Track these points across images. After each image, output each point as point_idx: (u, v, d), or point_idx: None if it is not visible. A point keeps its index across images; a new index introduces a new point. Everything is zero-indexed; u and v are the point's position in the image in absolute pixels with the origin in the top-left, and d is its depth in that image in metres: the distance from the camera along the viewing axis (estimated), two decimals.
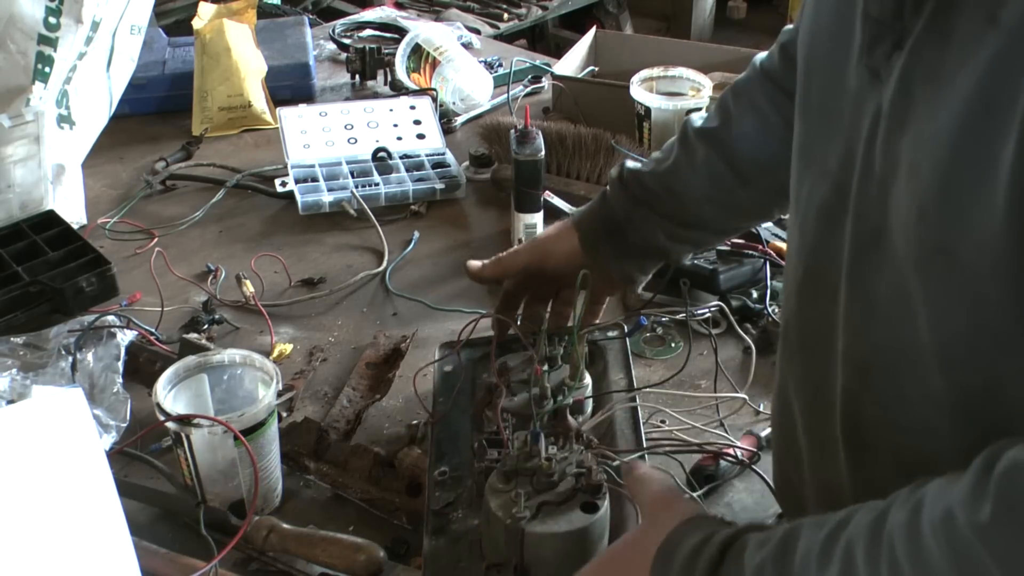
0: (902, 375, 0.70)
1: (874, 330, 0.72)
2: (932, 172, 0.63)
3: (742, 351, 1.35)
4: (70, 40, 1.62)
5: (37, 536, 0.84)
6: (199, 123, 2.01)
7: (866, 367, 0.74)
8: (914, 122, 0.65)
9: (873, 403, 0.74)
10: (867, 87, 0.71)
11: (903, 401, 0.71)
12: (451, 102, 2.05)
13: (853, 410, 0.77)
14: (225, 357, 1.15)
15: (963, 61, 0.60)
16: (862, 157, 0.72)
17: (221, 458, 1.08)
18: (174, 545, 1.07)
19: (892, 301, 0.69)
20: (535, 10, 3.88)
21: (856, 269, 0.74)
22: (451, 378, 1.20)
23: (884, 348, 0.72)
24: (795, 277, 0.85)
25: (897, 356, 0.70)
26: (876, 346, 0.72)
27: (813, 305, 0.81)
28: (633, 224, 1.14)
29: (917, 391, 0.69)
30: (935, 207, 0.63)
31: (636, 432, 1.09)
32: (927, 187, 0.64)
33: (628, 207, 1.14)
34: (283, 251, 1.62)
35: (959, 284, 0.63)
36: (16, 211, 1.59)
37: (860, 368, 0.75)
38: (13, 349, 1.35)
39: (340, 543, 1.04)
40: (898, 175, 0.67)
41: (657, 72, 1.82)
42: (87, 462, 0.88)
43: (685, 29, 4.88)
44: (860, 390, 0.76)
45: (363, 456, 1.15)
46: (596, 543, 0.92)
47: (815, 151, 0.80)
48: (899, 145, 0.67)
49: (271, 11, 3.00)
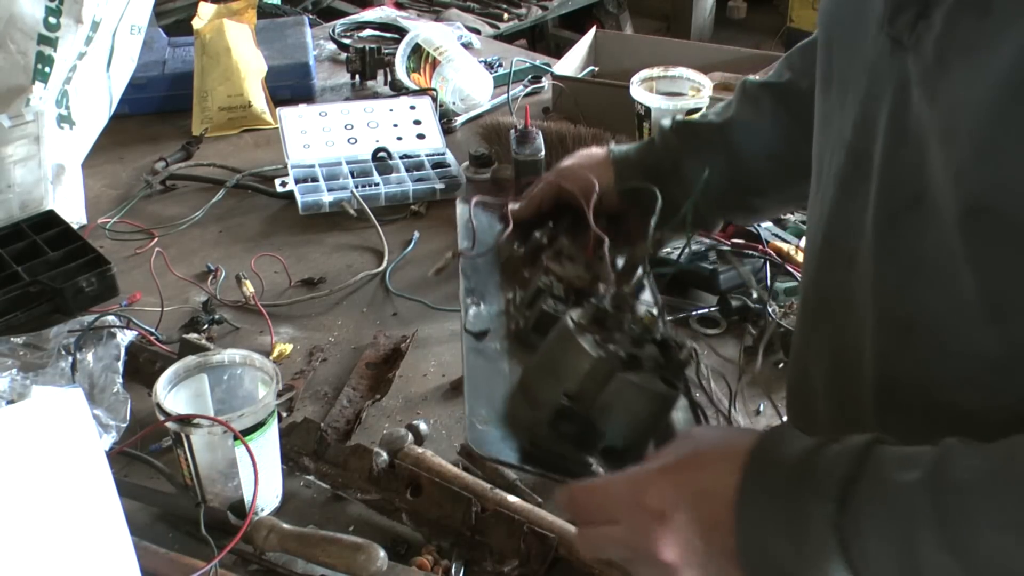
0: (947, 331, 0.70)
1: (918, 290, 0.71)
2: (971, 137, 0.64)
3: (741, 351, 1.35)
4: (70, 40, 1.62)
5: (37, 536, 0.84)
6: (199, 123, 2.01)
7: (908, 326, 0.73)
8: (948, 89, 0.66)
9: (915, 362, 0.73)
10: (888, 56, 0.72)
11: (948, 357, 0.70)
12: (451, 102, 2.05)
13: (888, 372, 0.76)
14: (225, 357, 1.15)
15: (1005, 29, 0.61)
16: (887, 125, 0.73)
17: (221, 458, 1.08)
18: (174, 545, 1.07)
19: (937, 261, 0.69)
20: (535, 10, 3.88)
21: (890, 234, 0.73)
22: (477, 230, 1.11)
23: (929, 307, 0.71)
24: (813, 248, 0.86)
25: (944, 313, 0.69)
26: (920, 305, 0.71)
27: (831, 273, 0.81)
28: (679, 176, 1.06)
29: (964, 346, 0.69)
30: (974, 169, 0.64)
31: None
32: (965, 151, 0.64)
33: (677, 158, 1.07)
34: (283, 251, 1.62)
35: (1003, 239, 0.64)
36: (16, 211, 1.59)
37: (901, 328, 0.74)
38: (13, 349, 1.35)
39: (340, 543, 1.04)
40: (931, 141, 0.68)
41: (657, 72, 1.83)
42: (87, 462, 0.88)
43: (685, 29, 4.88)
44: (899, 350, 0.74)
45: (363, 456, 1.15)
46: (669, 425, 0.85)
47: (833, 122, 0.81)
48: (932, 111, 0.68)
49: (271, 11, 3.00)
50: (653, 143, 1.12)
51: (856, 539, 0.61)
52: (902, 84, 0.70)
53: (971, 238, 0.66)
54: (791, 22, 4.73)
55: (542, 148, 1.51)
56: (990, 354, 0.68)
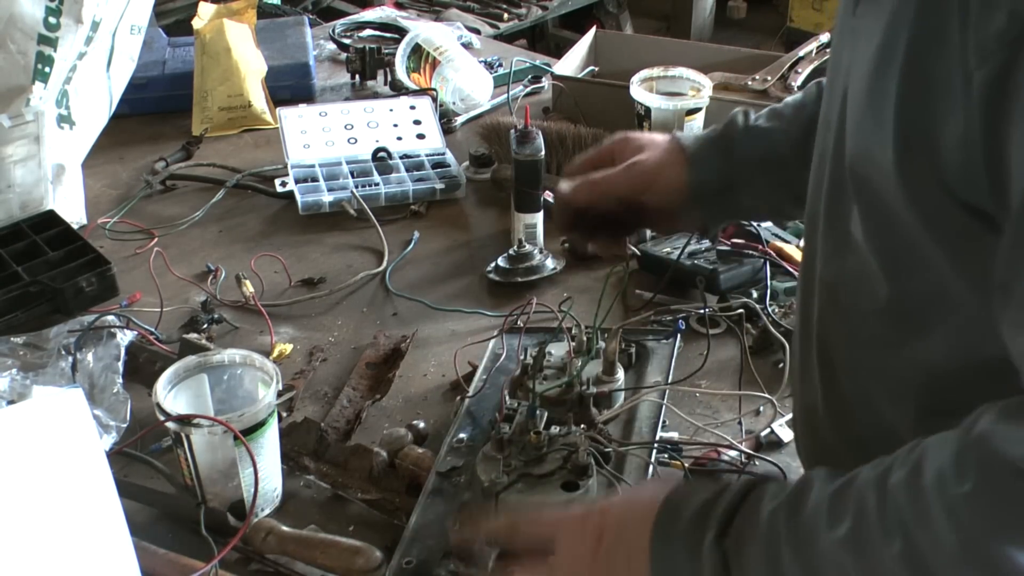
0: (860, 291, 0.76)
1: (843, 256, 0.78)
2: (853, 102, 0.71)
3: (741, 351, 1.35)
4: (70, 40, 1.62)
5: (37, 536, 0.84)
6: (199, 123, 2.01)
7: (834, 289, 0.81)
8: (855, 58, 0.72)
9: (839, 321, 0.81)
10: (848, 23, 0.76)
11: (861, 315, 0.77)
12: (451, 102, 2.05)
13: (824, 329, 0.84)
14: (225, 357, 1.15)
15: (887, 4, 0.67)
16: (840, 103, 0.76)
17: (221, 458, 1.08)
18: (174, 545, 1.07)
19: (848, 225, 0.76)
20: (535, 10, 3.87)
21: (830, 203, 0.79)
22: (499, 359, 1.27)
23: (848, 269, 0.78)
24: (805, 224, 0.89)
25: (857, 275, 0.76)
26: (842, 268, 0.79)
27: (808, 241, 0.87)
28: (752, 188, 1.04)
29: (871, 304, 0.75)
30: (854, 134, 0.71)
31: (652, 432, 1.13)
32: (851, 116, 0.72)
33: (754, 171, 1.03)
34: (283, 251, 1.62)
35: (877, 207, 0.70)
36: (16, 211, 1.59)
37: (831, 291, 0.82)
38: (13, 349, 1.35)
39: (338, 546, 1.04)
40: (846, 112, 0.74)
41: (657, 72, 1.82)
42: (87, 462, 0.88)
43: (685, 29, 4.87)
44: (830, 310, 0.82)
45: (363, 456, 1.15)
46: None
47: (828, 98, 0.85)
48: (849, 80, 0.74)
49: (271, 11, 3.00)
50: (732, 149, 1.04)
51: (737, 559, 0.71)
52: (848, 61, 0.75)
53: (859, 203, 0.73)
54: (791, 22, 4.73)
55: (542, 148, 1.50)
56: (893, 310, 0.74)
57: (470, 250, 1.64)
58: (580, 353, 1.20)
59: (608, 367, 1.18)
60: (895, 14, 0.65)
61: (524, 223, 1.55)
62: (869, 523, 0.64)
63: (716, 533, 0.72)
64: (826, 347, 0.84)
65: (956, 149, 0.61)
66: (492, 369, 1.25)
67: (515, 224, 1.56)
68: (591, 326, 1.22)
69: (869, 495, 0.65)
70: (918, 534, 0.62)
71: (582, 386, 1.15)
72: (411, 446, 1.16)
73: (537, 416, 1.04)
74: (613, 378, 1.18)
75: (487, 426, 1.15)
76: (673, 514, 0.75)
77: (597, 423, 1.11)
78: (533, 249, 1.52)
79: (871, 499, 0.65)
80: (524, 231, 1.55)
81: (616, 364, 1.19)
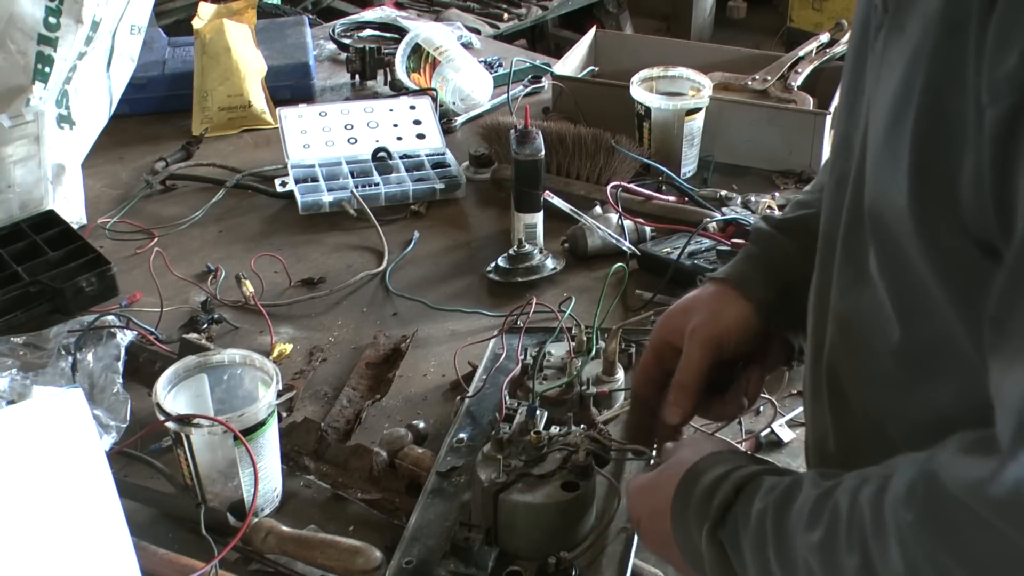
0: (874, 329, 0.75)
1: (860, 290, 0.77)
2: (873, 142, 0.70)
3: None
4: (70, 40, 1.62)
5: (37, 536, 0.84)
6: (199, 123, 2.01)
7: (848, 323, 0.80)
8: (876, 99, 0.71)
9: (850, 355, 0.81)
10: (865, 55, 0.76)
11: (874, 353, 0.76)
12: (451, 102, 2.05)
13: (835, 361, 0.83)
14: (225, 357, 1.15)
15: (906, 49, 0.66)
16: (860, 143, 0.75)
17: (221, 458, 1.08)
18: (174, 545, 1.07)
19: (863, 263, 0.75)
20: (535, 10, 3.87)
21: (848, 233, 0.78)
22: (499, 358, 1.27)
23: (864, 305, 0.77)
24: (818, 247, 0.87)
25: (872, 312, 0.75)
26: (856, 303, 0.78)
27: (823, 268, 0.85)
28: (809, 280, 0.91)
29: (884, 344, 0.74)
30: (872, 174, 0.70)
31: None
32: (871, 156, 0.71)
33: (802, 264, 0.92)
34: (283, 251, 1.62)
35: (891, 247, 0.70)
36: (16, 211, 1.59)
37: (843, 324, 0.81)
38: (13, 349, 1.35)
39: (338, 546, 1.04)
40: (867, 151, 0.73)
41: (657, 72, 1.82)
42: (87, 462, 0.88)
43: (685, 29, 4.87)
44: (842, 343, 0.82)
45: (363, 456, 1.15)
46: (575, 521, 0.99)
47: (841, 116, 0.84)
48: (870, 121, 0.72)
49: (271, 11, 3.00)
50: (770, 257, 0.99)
51: (734, 551, 0.76)
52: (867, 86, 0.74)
53: (875, 242, 0.72)
54: (791, 22, 4.72)
55: (542, 148, 1.51)
56: (903, 351, 0.73)
57: (470, 250, 1.64)
58: (580, 353, 1.21)
59: (608, 367, 1.19)
60: (917, 47, 0.65)
61: (524, 223, 1.55)
62: (839, 532, 0.66)
63: (712, 524, 0.77)
64: (836, 377, 0.83)
65: (970, 187, 0.61)
66: (492, 369, 1.24)
67: (515, 224, 1.56)
68: (591, 326, 1.22)
69: (843, 504, 0.67)
70: (874, 552, 0.63)
71: (582, 386, 1.16)
72: (411, 446, 1.16)
73: (537, 416, 1.04)
74: (613, 378, 1.19)
75: (487, 426, 1.15)
76: (687, 491, 0.81)
77: (597, 423, 1.11)
78: (533, 249, 1.53)
79: (844, 509, 0.67)
80: (524, 231, 1.55)
81: (616, 364, 1.19)
